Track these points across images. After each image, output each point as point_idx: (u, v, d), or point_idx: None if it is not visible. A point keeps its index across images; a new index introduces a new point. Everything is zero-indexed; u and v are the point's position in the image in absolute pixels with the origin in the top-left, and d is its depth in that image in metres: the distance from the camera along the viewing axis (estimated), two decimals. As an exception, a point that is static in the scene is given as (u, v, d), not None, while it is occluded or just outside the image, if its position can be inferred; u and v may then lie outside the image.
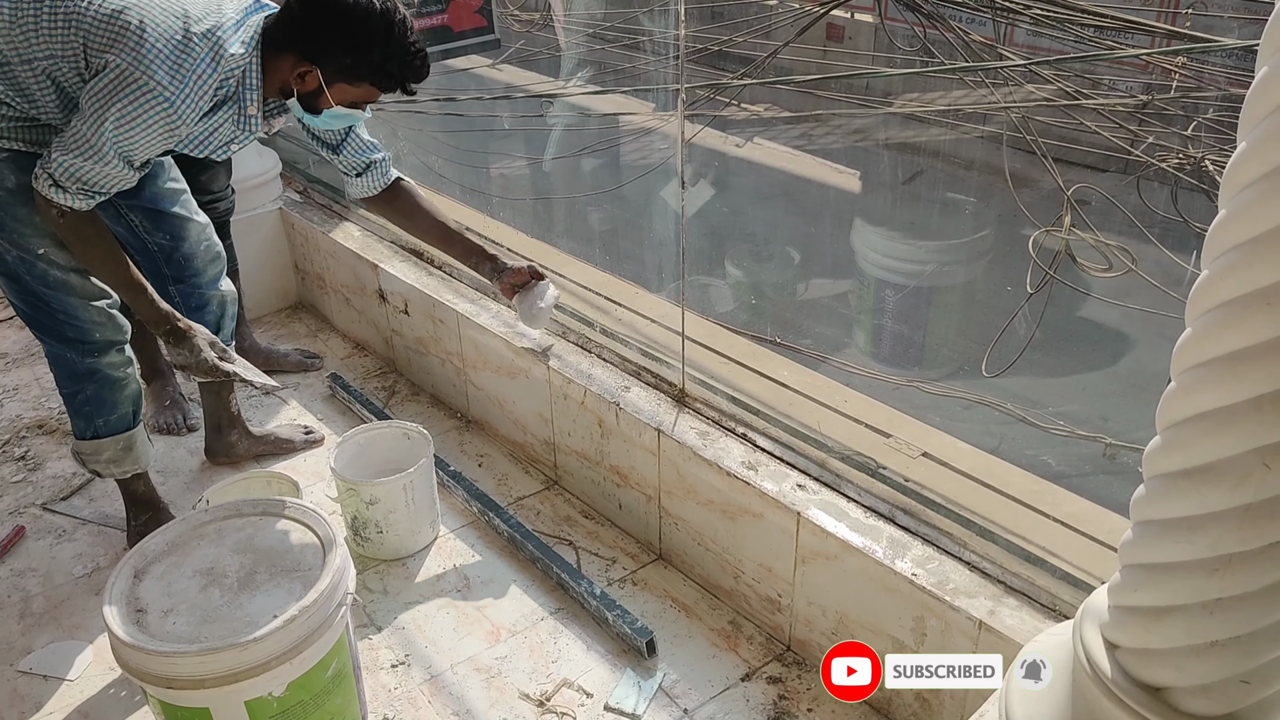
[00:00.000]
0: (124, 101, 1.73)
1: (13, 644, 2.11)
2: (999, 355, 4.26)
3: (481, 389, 2.74)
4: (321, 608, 1.61)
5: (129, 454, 2.24)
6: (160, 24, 1.75)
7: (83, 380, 2.13)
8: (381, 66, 1.85)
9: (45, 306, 2.02)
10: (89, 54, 1.77)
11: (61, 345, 2.08)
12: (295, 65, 1.85)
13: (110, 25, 1.75)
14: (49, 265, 1.97)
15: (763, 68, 5.34)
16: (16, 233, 1.92)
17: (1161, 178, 4.08)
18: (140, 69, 1.72)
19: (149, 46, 1.73)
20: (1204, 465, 0.87)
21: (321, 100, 1.90)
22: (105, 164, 1.80)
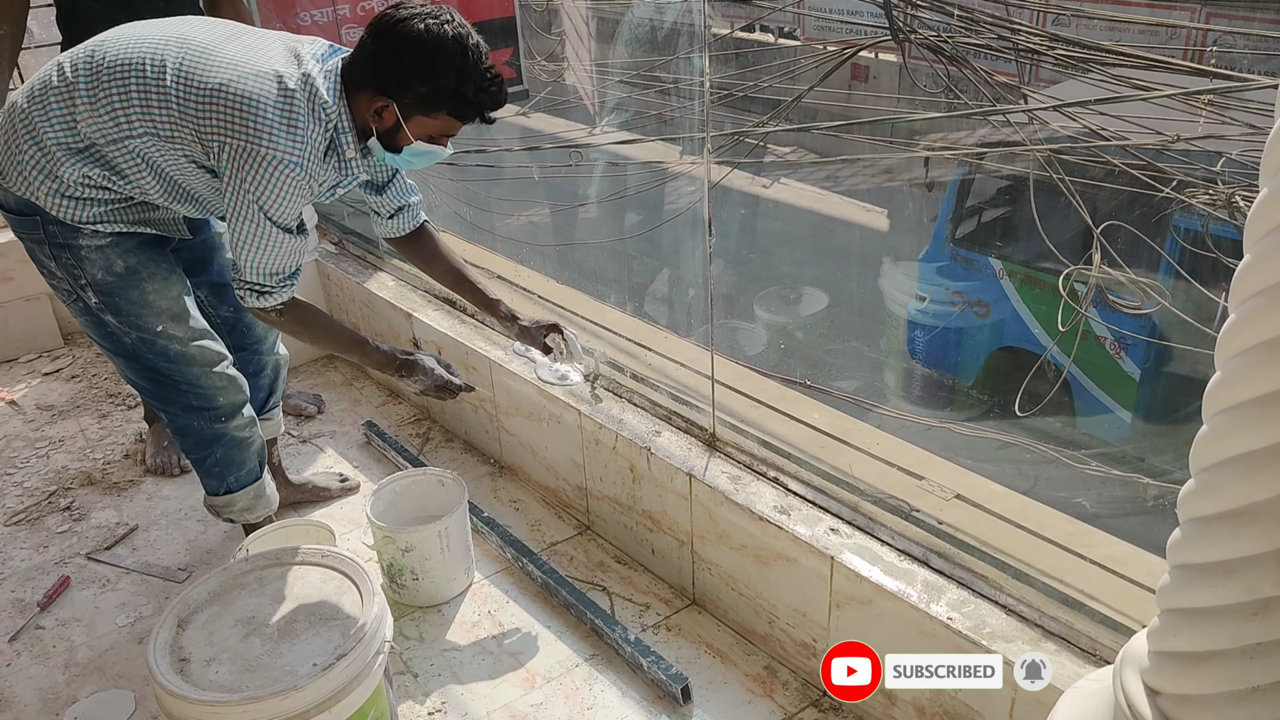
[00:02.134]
0: (262, 180, 1.76)
1: (59, 693, 2.14)
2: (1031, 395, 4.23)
3: (514, 435, 2.77)
4: (360, 656, 1.62)
5: (260, 500, 2.32)
6: (260, 92, 1.75)
7: (211, 445, 2.17)
8: (457, 92, 1.79)
9: (169, 381, 2.06)
10: (201, 137, 1.77)
11: (188, 415, 2.12)
12: (371, 102, 1.82)
13: (213, 103, 1.75)
14: (169, 340, 2.01)
15: (789, 112, 5.41)
16: (133, 314, 1.97)
17: (1191, 214, 4.07)
18: (261, 143, 1.73)
19: (260, 117, 1.73)
20: (1239, 509, 0.87)
21: (400, 136, 1.86)
22: (279, 245, 1.84)
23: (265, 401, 2.48)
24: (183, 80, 1.76)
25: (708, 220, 2.37)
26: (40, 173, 1.82)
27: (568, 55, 8.54)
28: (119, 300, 1.95)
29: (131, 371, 2.07)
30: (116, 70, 1.79)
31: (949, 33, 4.21)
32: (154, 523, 2.69)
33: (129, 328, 1.98)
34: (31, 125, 1.81)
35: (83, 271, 1.92)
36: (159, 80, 1.77)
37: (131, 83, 1.78)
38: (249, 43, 1.84)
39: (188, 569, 2.50)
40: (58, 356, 3.61)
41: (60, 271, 1.93)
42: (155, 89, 1.77)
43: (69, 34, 2.54)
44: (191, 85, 1.76)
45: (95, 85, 1.79)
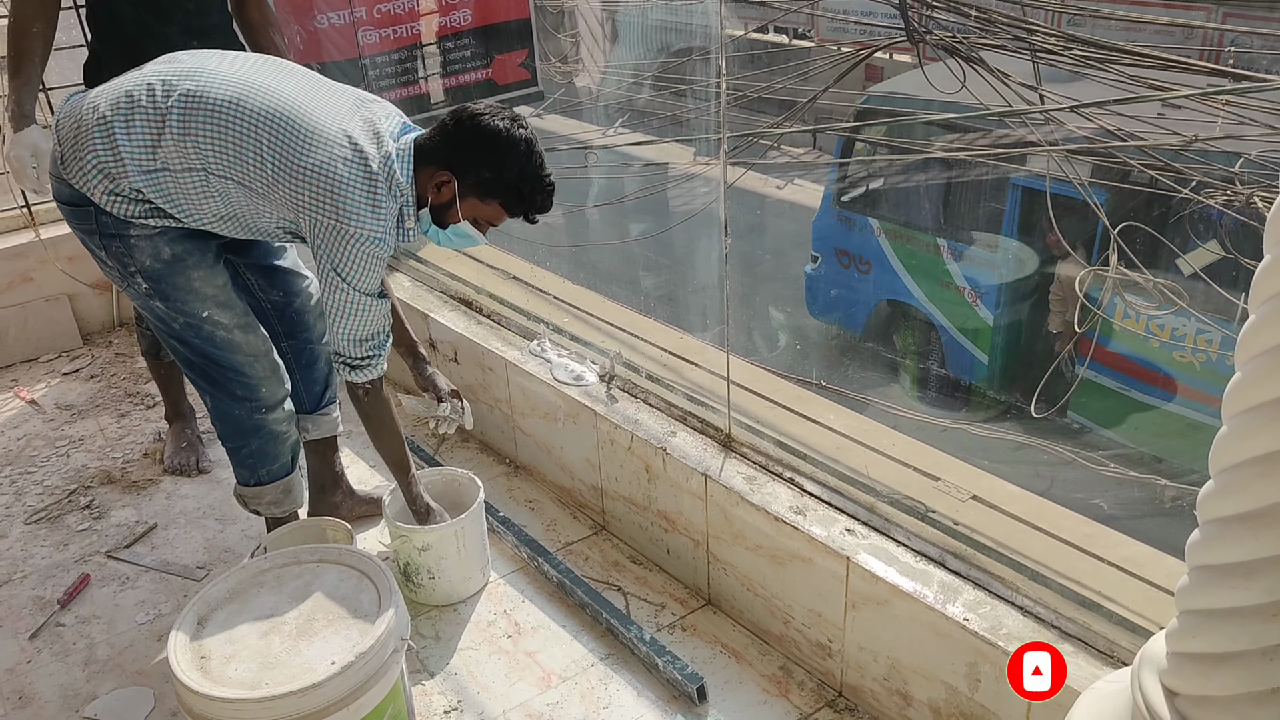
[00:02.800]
0: (349, 254, 1.91)
1: (78, 690, 2.16)
2: (1048, 396, 4.21)
3: (530, 435, 2.77)
4: (377, 654, 1.64)
5: (288, 496, 2.35)
6: (350, 177, 1.88)
7: (249, 435, 2.23)
8: (515, 186, 1.96)
9: (215, 366, 2.13)
10: (295, 206, 1.90)
11: (230, 402, 2.18)
12: (435, 175, 1.97)
13: (306, 182, 1.87)
14: (214, 326, 2.09)
15: (803, 113, 5.40)
16: (180, 300, 2.05)
17: (1210, 214, 4.04)
18: (350, 224, 1.88)
19: (349, 200, 1.88)
20: (1259, 509, 0.87)
21: (451, 213, 2.01)
22: (367, 310, 1.98)
23: (321, 396, 2.47)
24: (279, 156, 1.88)
25: (724, 221, 2.38)
26: (100, 174, 1.90)
27: (582, 57, 8.55)
28: (166, 286, 2.03)
29: (182, 355, 2.15)
30: (215, 112, 1.88)
31: (964, 33, 4.20)
32: (173, 521, 2.71)
33: (176, 313, 2.06)
34: (110, 132, 1.88)
35: (132, 259, 2.00)
36: (255, 140, 1.88)
37: (226, 129, 1.88)
38: (337, 105, 1.96)
39: (206, 567, 2.52)
40: (77, 356, 3.64)
41: (111, 260, 2.02)
42: (250, 147, 1.88)
43: (98, 32, 2.56)
44: (287, 162, 1.88)
45: (188, 119, 1.88)
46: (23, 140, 2.34)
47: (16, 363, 3.61)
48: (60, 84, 3.44)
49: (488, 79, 4.16)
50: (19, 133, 2.33)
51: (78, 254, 3.69)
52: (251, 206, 1.96)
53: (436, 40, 3.93)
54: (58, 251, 3.64)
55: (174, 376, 2.92)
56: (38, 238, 3.63)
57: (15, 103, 2.34)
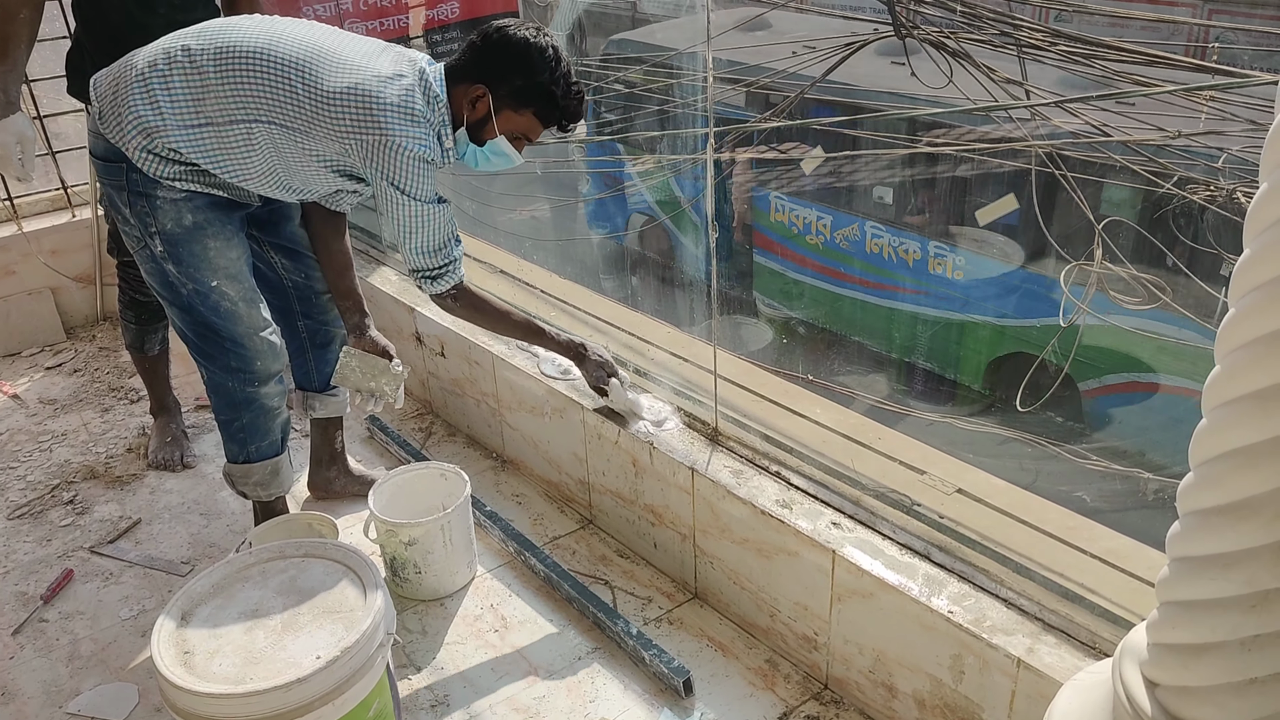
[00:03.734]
0: (399, 166, 1.95)
1: (61, 686, 2.15)
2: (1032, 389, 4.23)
3: (516, 429, 2.77)
4: (363, 649, 1.63)
5: (275, 478, 2.36)
6: (384, 91, 1.93)
7: (240, 409, 2.25)
8: (548, 91, 2.00)
9: (215, 336, 2.16)
10: (337, 136, 1.94)
11: (225, 374, 2.21)
12: (469, 90, 2.01)
13: (339, 107, 1.92)
14: (220, 297, 2.13)
15: (791, 106, 5.40)
16: (193, 266, 2.09)
17: (1192, 210, 4.07)
18: (394, 135, 1.92)
19: (387, 113, 1.92)
20: (1238, 501, 0.88)
21: (487, 129, 2.04)
22: (428, 219, 2.03)
23: (331, 376, 2.48)
24: (312, 88, 1.93)
25: (710, 215, 2.38)
26: (138, 130, 1.95)
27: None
28: (182, 251, 2.07)
29: (184, 324, 2.18)
30: (246, 61, 1.94)
31: (952, 28, 4.21)
32: (157, 516, 2.70)
33: (186, 279, 2.09)
34: (149, 89, 1.94)
35: (154, 220, 2.04)
36: (287, 79, 1.94)
37: (262, 76, 1.94)
38: (364, 48, 2.03)
39: (191, 562, 2.51)
40: (60, 350, 3.62)
41: (134, 218, 2.06)
42: (284, 86, 1.94)
43: (83, 22, 2.55)
44: (322, 91, 1.93)
45: (224, 70, 1.94)
46: (8, 127, 2.33)
47: (-1, 357, 3.59)
48: (43, 75, 3.42)
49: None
50: (4, 119, 2.32)
51: (61, 247, 3.67)
52: (297, 154, 2.00)
53: (424, 33, 3.92)
54: (40, 244, 3.61)
55: (159, 371, 2.91)
56: (20, 230, 3.60)
57: (1, 90, 2.32)
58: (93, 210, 3.67)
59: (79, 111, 3.42)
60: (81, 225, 3.70)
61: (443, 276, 2.12)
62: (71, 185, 3.76)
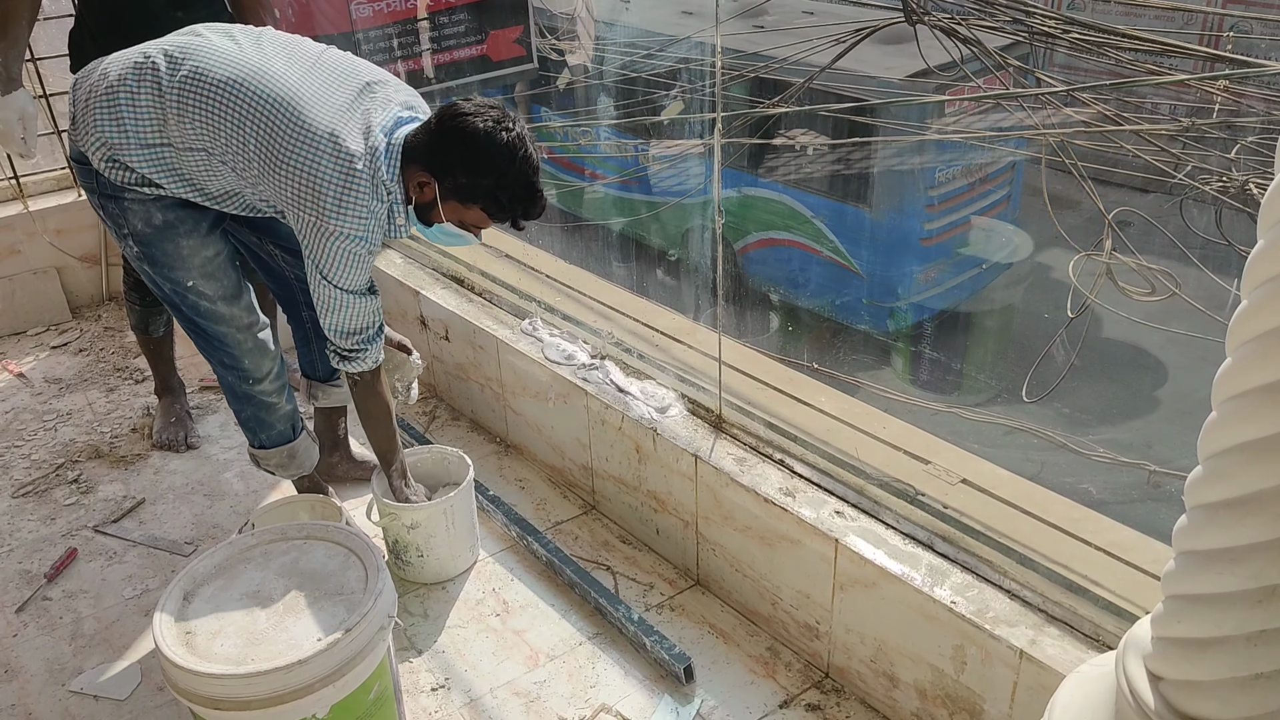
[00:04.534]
0: (328, 252, 1.92)
1: (64, 664, 2.16)
2: (1039, 380, 4.22)
3: (520, 414, 2.77)
4: (364, 631, 1.63)
5: (293, 460, 2.39)
6: (331, 174, 1.86)
7: (242, 402, 2.28)
8: (493, 194, 1.90)
9: (202, 334, 2.17)
10: (279, 199, 1.91)
11: (221, 369, 2.23)
12: (416, 175, 1.94)
13: (289, 178, 1.87)
14: (198, 297, 2.11)
15: (800, 93, 5.36)
16: (167, 266, 2.07)
17: (1204, 200, 4.03)
18: (330, 221, 1.88)
19: (328, 199, 1.86)
20: (1246, 495, 0.87)
21: (434, 214, 1.98)
22: (350, 306, 2.00)
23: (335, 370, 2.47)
24: (265, 150, 1.88)
25: (717, 201, 2.36)
26: (100, 144, 1.93)
27: (578, 34, 8.49)
28: (155, 251, 2.05)
29: (175, 318, 2.20)
30: (211, 94, 1.88)
31: (963, 15, 4.17)
32: (161, 496, 2.70)
33: (163, 279, 2.08)
34: (116, 105, 1.91)
35: (125, 222, 2.02)
36: (242, 129, 1.88)
37: (222, 118, 1.88)
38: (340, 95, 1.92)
39: (194, 542, 2.52)
40: (65, 330, 3.62)
41: (108, 219, 2.06)
42: (238, 135, 1.89)
43: (85, 2, 2.54)
44: (273, 157, 1.87)
45: (185, 98, 1.89)
46: (10, 104, 2.32)
47: (4, 336, 3.58)
48: (49, 54, 3.40)
49: (482, 55, 4.12)
50: (6, 96, 2.32)
51: (66, 226, 3.67)
52: (249, 189, 1.99)
53: (430, 15, 3.89)
54: (46, 224, 3.61)
55: (163, 352, 2.90)
56: (25, 209, 3.60)
57: (2, 66, 2.32)
58: (99, 190, 3.67)
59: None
60: (87, 205, 3.68)
61: (352, 359, 2.07)
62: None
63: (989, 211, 6.61)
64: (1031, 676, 1.60)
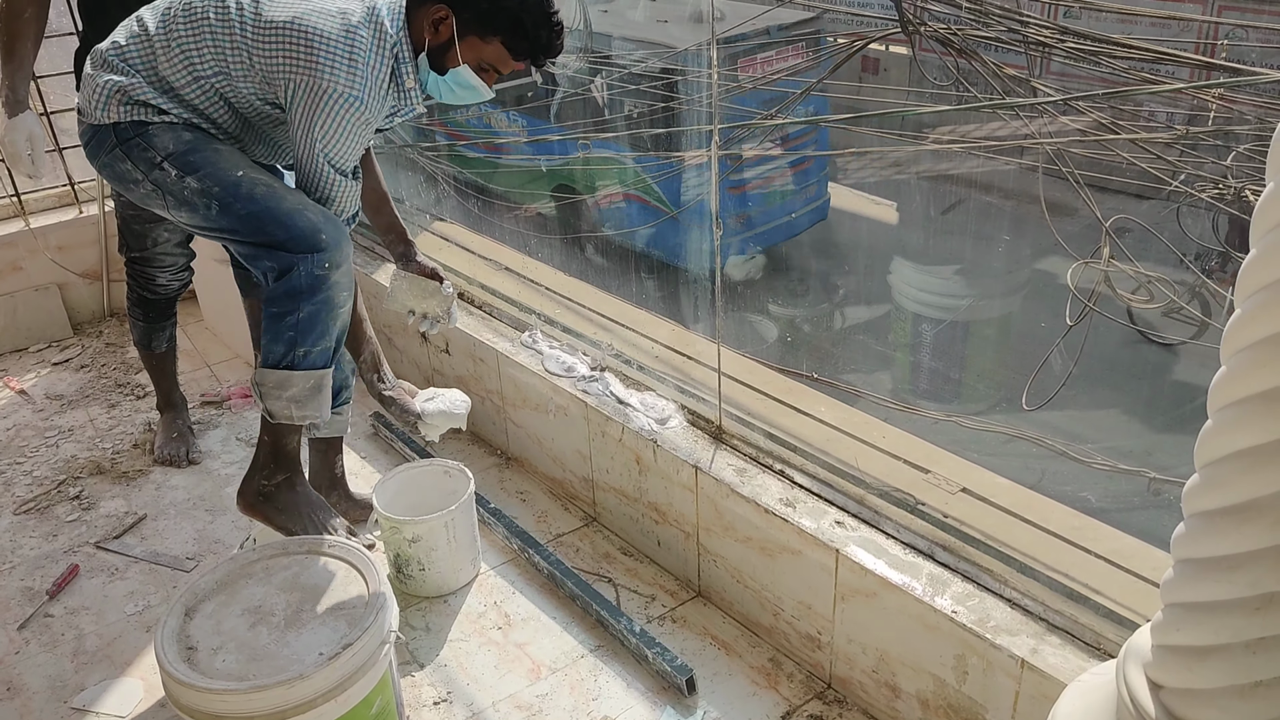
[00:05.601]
0: (324, 116, 1.79)
1: (66, 681, 2.15)
2: (1038, 389, 4.22)
3: (521, 426, 2.77)
4: (366, 645, 1.63)
5: (316, 396, 1.95)
6: (324, 27, 1.78)
7: (301, 297, 1.86)
8: (517, 18, 1.79)
9: (264, 219, 1.86)
10: (268, 75, 1.83)
11: (287, 257, 1.86)
12: (430, 12, 1.82)
13: (280, 40, 1.79)
14: (252, 183, 1.89)
15: (798, 103, 5.38)
16: (212, 165, 1.89)
17: (1200, 206, 4.04)
18: (324, 77, 1.77)
19: (323, 51, 1.77)
20: (1243, 503, 0.87)
21: (450, 56, 1.85)
22: (340, 187, 1.89)
23: (336, 394, 2.32)
24: (253, 19, 1.81)
25: (715, 212, 2.37)
26: (112, 91, 1.88)
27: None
28: (195, 158, 1.89)
29: (229, 226, 1.90)
30: (189, 13, 1.86)
31: (959, 25, 4.18)
32: (162, 512, 2.70)
33: (211, 181, 1.88)
34: (111, 66, 1.90)
35: (154, 150, 1.89)
36: (226, 20, 1.83)
37: (203, 24, 1.84)
38: None
39: (196, 558, 2.52)
40: (67, 346, 3.63)
41: (138, 165, 1.90)
42: (223, 29, 1.83)
43: (87, 19, 2.55)
44: (260, 23, 1.81)
45: (168, 31, 1.86)
46: (18, 126, 2.33)
47: (6, 352, 3.60)
48: (50, 71, 3.42)
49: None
50: (14, 118, 2.33)
51: (68, 243, 3.68)
52: (246, 103, 1.91)
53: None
54: (48, 240, 3.62)
55: (165, 367, 2.91)
56: (27, 226, 3.62)
57: (9, 88, 2.33)
58: (99, 206, 3.68)
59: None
60: (88, 221, 3.71)
61: None
62: (79, 181, 3.77)
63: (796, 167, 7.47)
64: (1033, 686, 1.60)
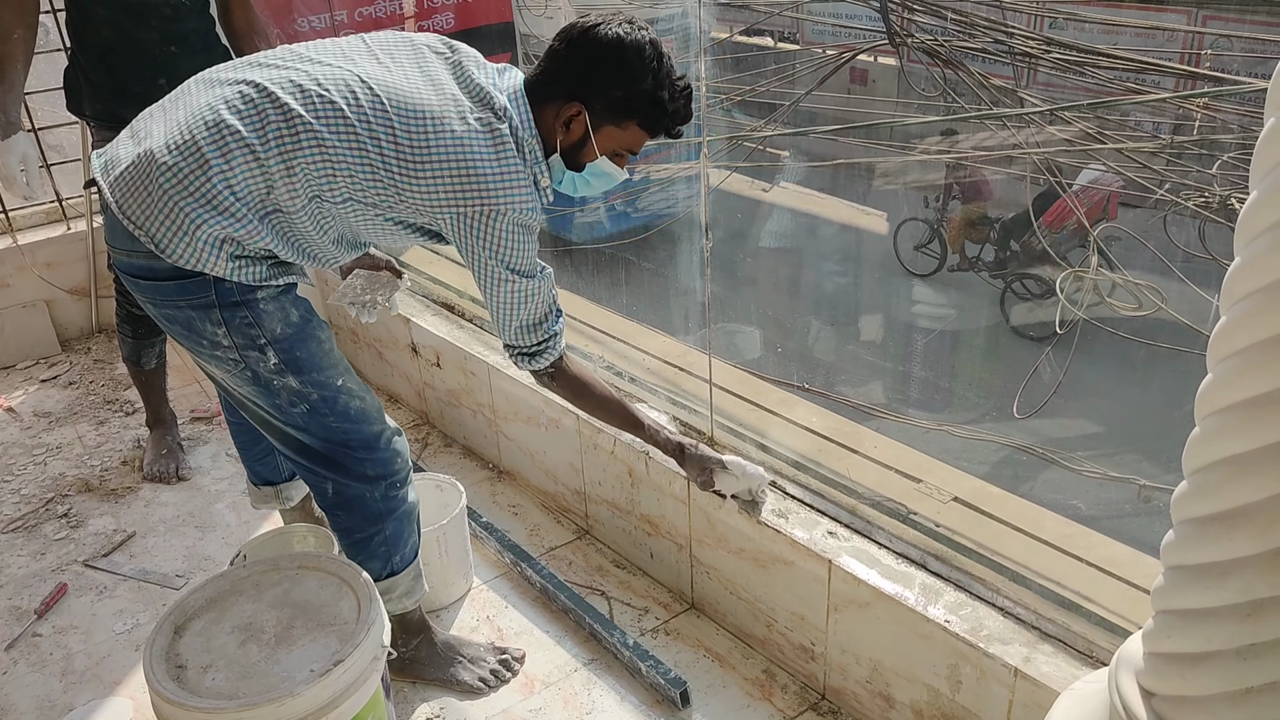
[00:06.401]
0: (507, 238, 1.67)
1: (55, 701, 2.14)
2: (1028, 398, 4.24)
3: (513, 439, 2.77)
4: (357, 662, 1.62)
5: (419, 582, 2.03)
6: (476, 149, 1.62)
7: (383, 519, 1.90)
8: (654, 97, 1.69)
9: (347, 445, 1.83)
10: (436, 207, 1.65)
11: (363, 484, 1.86)
12: (561, 111, 1.71)
13: (430, 172, 1.61)
14: (349, 396, 1.81)
15: (786, 115, 5.42)
16: (315, 369, 1.76)
17: (1186, 215, 4.07)
18: (498, 200, 1.63)
19: (487, 176, 1.62)
20: (1232, 510, 0.87)
21: (586, 151, 1.75)
22: (535, 293, 1.75)
23: None
24: (402, 149, 1.61)
25: (705, 224, 2.38)
26: (212, 240, 1.60)
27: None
28: (300, 355, 1.74)
29: (308, 439, 1.82)
30: (311, 136, 1.59)
31: (945, 36, 4.22)
32: (152, 529, 2.69)
33: (312, 386, 1.76)
34: (207, 179, 1.58)
35: (260, 330, 1.70)
36: (371, 146, 1.61)
37: (340, 147, 1.60)
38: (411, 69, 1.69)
39: (185, 576, 2.50)
40: (55, 363, 3.61)
41: (235, 335, 1.69)
42: (364, 154, 1.61)
43: (76, 38, 2.55)
44: (410, 159, 1.61)
45: (284, 147, 1.59)
46: (11, 148, 2.32)
47: (-7, 370, 3.58)
48: (38, 88, 3.42)
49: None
50: (7, 139, 2.32)
51: (56, 260, 3.67)
52: (372, 225, 1.71)
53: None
54: (35, 257, 3.61)
55: (155, 384, 2.90)
56: (15, 243, 3.60)
57: (1, 110, 2.33)
58: (88, 223, 3.67)
59: (74, 124, 3.43)
60: (76, 238, 3.70)
61: (542, 354, 1.82)
62: (67, 198, 3.76)
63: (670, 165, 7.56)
64: (1026, 694, 1.60)
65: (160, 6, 2.49)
